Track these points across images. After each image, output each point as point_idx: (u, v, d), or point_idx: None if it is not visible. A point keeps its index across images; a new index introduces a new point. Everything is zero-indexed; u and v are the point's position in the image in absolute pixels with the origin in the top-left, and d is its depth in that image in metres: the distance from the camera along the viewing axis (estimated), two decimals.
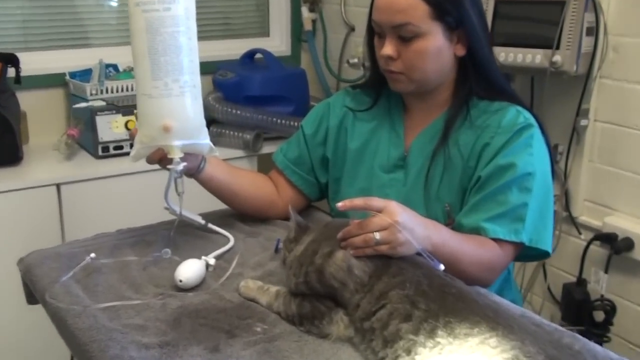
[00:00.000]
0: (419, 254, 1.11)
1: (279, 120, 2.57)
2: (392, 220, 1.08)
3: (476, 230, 1.30)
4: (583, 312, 1.97)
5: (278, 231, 1.53)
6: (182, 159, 1.30)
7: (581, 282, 2.00)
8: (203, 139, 1.34)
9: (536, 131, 1.34)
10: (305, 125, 1.58)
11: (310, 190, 1.59)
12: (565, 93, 1.95)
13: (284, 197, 1.58)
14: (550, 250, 1.33)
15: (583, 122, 1.89)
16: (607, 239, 1.90)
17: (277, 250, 1.41)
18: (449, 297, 1.01)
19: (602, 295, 1.92)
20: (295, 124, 2.59)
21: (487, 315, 0.96)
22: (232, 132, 2.52)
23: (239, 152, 2.54)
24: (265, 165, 2.58)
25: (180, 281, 1.23)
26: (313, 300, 1.13)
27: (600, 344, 1.94)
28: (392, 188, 1.45)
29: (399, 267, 1.08)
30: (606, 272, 1.91)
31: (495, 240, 1.29)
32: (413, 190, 1.42)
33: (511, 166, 1.31)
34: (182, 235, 1.48)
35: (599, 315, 1.94)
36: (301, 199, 1.60)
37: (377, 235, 1.08)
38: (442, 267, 1.09)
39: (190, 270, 1.25)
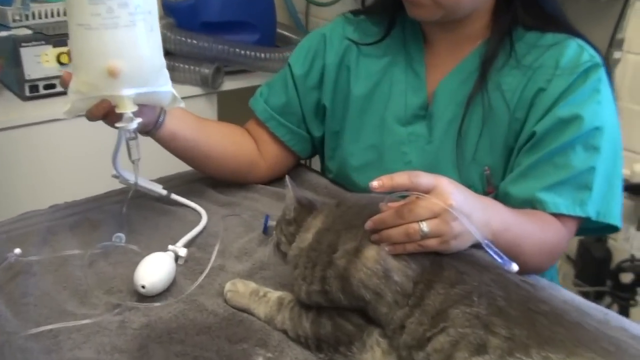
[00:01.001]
0: (475, 246, 0.81)
1: (242, 51, 2.19)
2: (445, 203, 0.76)
3: (530, 203, 1.00)
4: (603, 271, 1.72)
5: (262, 201, 1.20)
6: (136, 114, 0.94)
7: (600, 238, 1.75)
8: (163, 84, 0.98)
9: (603, 73, 1.03)
10: (294, 63, 1.22)
11: (301, 146, 1.25)
12: (598, 20, 1.64)
13: (267, 156, 1.24)
14: (620, 225, 1.04)
15: (616, 55, 1.59)
16: (637, 189, 1.63)
17: (265, 230, 1.08)
18: (539, 318, 0.71)
19: (632, 255, 1.67)
20: (263, 55, 2.21)
21: (606, 351, 0.67)
22: (186, 66, 2.13)
23: (196, 90, 2.15)
24: (228, 105, 2.21)
25: (143, 287, 0.89)
26: (334, 316, 0.81)
27: (627, 309, 1.71)
28: (412, 146, 1.13)
29: (457, 271, 0.77)
30: (638, 228, 1.65)
31: (556, 215, 0.99)
32: (441, 149, 1.10)
33: (575, 119, 0.99)
34: (138, 210, 1.13)
35: (626, 277, 1.69)
36: (289, 158, 1.27)
37: (425, 227, 0.76)
38: (515, 267, 0.78)
39: (155, 269, 0.91)
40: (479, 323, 0.71)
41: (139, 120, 0.95)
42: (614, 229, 1.04)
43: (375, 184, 0.76)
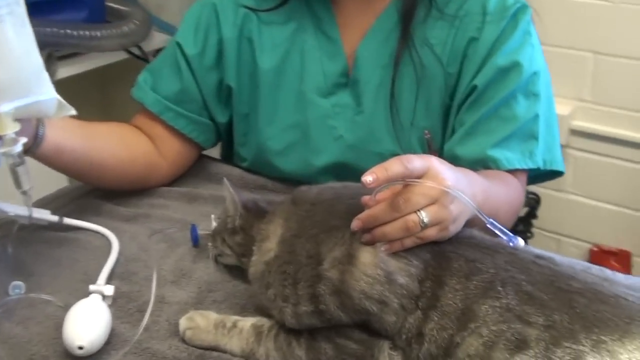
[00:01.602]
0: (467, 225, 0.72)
1: (74, 32, 1.90)
2: (442, 185, 0.66)
3: (482, 162, 0.93)
4: None
5: (172, 206, 1.03)
6: (18, 133, 0.75)
7: None
8: (45, 91, 0.78)
9: (530, 13, 0.97)
10: (184, 41, 1.04)
11: (205, 136, 1.09)
12: None
13: (167, 154, 1.07)
14: (564, 170, 1.00)
15: None
16: None
17: (196, 242, 0.92)
18: (575, 297, 0.64)
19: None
20: (97, 33, 1.95)
21: None
22: None
23: None
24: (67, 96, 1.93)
25: (81, 348, 0.71)
26: (333, 337, 0.69)
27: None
28: (340, 118, 1.01)
29: (466, 259, 0.68)
30: None
31: (510, 171, 0.94)
32: (374, 117, 0.99)
33: (515, 67, 0.94)
34: (27, 247, 0.92)
35: (521, 211, 1.72)
36: (192, 151, 1.10)
37: (425, 216, 0.66)
38: (521, 242, 0.71)
39: (88, 322, 0.73)
40: (512, 316, 0.63)
41: (24, 140, 0.75)
42: (558, 174, 1.00)
43: (368, 179, 0.64)
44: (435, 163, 0.68)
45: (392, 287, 0.66)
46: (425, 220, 0.66)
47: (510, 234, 0.70)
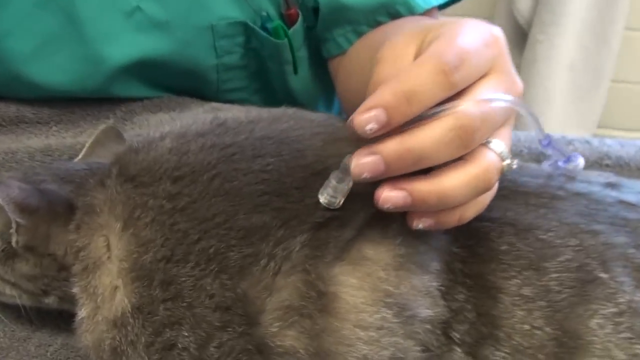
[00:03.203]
0: None
1: None
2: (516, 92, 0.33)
3: (386, 8, 0.59)
4: None
5: None
6: None
7: None
8: None
9: None
10: None
11: None
12: None
13: None
14: None
15: None
16: None
17: None
18: None
19: None
20: None
21: None
22: None
23: None
24: None
25: None
26: None
27: None
28: None
29: (515, 227, 0.36)
30: None
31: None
32: None
33: None
34: None
35: None
36: None
37: (505, 154, 0.33)
38: (582, 161, 0.39)
39: None
40: None
41: None
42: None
43: (369, 126, 0.28)
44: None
45: (410, 330, 0.33)
46: (509, 161, 0.33)
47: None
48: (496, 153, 0.32)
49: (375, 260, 0.32)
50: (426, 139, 0.30)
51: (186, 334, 0.32)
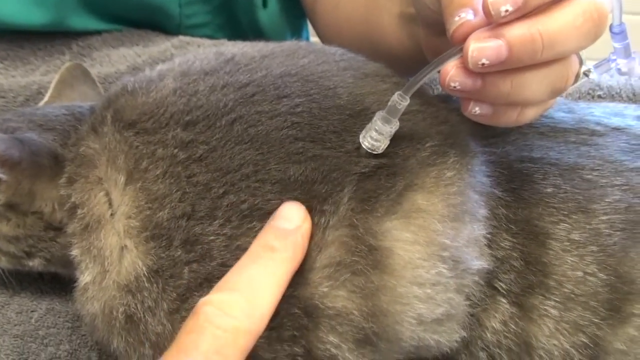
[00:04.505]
0: None
1: None
2: None
3: None
4: None
5: None
6: None
7: None
8: None
9: None
10: None
11: None
12: None
13: None
14: None
15: None
16: None
17: None
18: None
19: None
20: None
21: None
22: None
23: None
24: None
25: None
26: None
27: None
28: None
29: (558, 167, 0.33)
30: None
31: None
32: None
33: None
34: None
35: None
36: None
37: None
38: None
39: None
40: None
41: None
42: None
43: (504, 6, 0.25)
44: None
45: (461, 284, 0.30)
46: (585, 67, 0.32)
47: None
48: (577, 55, 0.29)
49: (429, 212, 0.29)
50: (557, 22, 0.26)
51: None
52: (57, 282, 0.40)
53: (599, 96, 0.56)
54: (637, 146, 0.34)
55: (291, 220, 0.28)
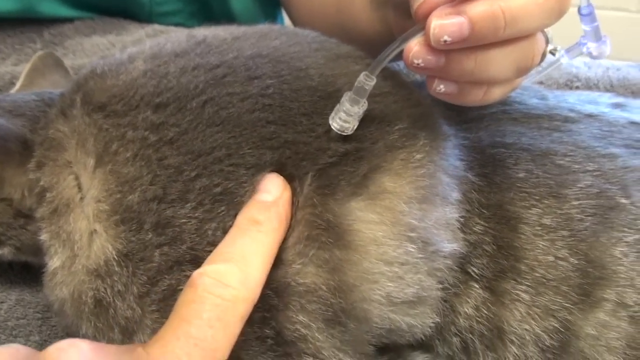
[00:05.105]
0: None
1: None
2: None
3: None
4: None
5: None
6: None
7: None
8: None
9: None
10: None
11: None
12: None
13: None
14: None
15: None
16: None
17: None
18: None
19: None
20: None
21: None
22: None
23: None
24: None
25: None
26: None
27: None
28: None
29: (530, 152, 0.34)
30: None
31: None
32: None
33: None
34: None
35: None
36: None
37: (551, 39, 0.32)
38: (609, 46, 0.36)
39: None
40: None
41: None
42: None
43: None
44: None
45: (432, 267, 0.30)
46: (552, 46, 0.32)
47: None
48: (543, 34, 0.29)
49: (396, 193, 0.29)
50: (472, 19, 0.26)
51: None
52: (27, 273, 0.39)
53: (577, 87, 0.57)
54: (610, 133, 0.35)
55: (270, 192, 0.28)
